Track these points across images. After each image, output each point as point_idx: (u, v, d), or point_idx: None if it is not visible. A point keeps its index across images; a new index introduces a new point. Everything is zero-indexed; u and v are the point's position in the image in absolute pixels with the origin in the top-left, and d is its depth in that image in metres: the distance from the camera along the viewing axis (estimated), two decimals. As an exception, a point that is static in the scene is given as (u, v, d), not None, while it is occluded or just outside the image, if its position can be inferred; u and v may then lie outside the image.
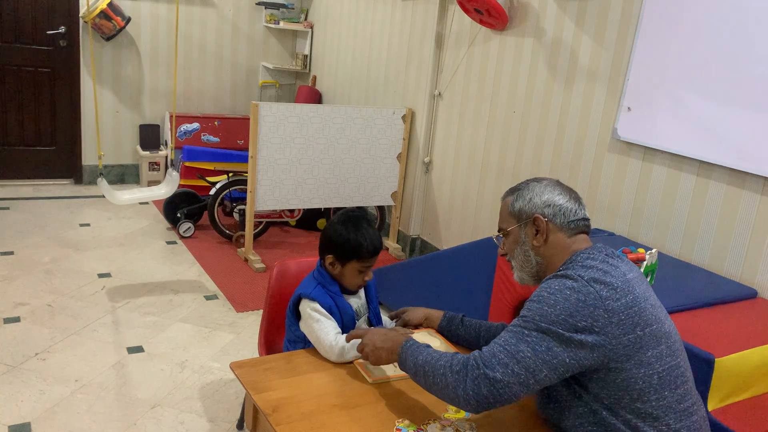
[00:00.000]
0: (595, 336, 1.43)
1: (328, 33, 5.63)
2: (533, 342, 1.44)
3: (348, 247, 1.94)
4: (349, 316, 1.96)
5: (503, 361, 1.43)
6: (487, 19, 3.69)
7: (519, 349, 1.44)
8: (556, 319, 1.43)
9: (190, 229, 4.51)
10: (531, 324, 1.46)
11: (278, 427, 1.52)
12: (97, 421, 2.51)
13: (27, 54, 5.11)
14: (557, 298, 1.46)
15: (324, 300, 1.93)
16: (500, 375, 1.42)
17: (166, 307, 3.49)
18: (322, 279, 1.97)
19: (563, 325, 1.43)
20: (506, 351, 1.45)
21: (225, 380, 2.87)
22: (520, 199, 1.67)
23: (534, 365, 1.43)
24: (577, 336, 1.42)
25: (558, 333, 1.43)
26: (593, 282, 1.47)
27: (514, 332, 1.47)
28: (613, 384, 1.46)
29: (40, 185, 5.32)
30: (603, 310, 1.44)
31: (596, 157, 3.22)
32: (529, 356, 1.43)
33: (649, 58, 2.91)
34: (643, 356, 1.46)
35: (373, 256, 1.95)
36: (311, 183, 4.15)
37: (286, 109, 3.96)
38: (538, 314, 1.46)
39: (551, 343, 1.43)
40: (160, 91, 5.60)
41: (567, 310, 1.44)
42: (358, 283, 1.97)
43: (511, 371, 1.42)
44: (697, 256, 2.77)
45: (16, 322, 3.18)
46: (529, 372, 1.43)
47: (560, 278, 1.51)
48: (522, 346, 1.44)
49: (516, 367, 1.43)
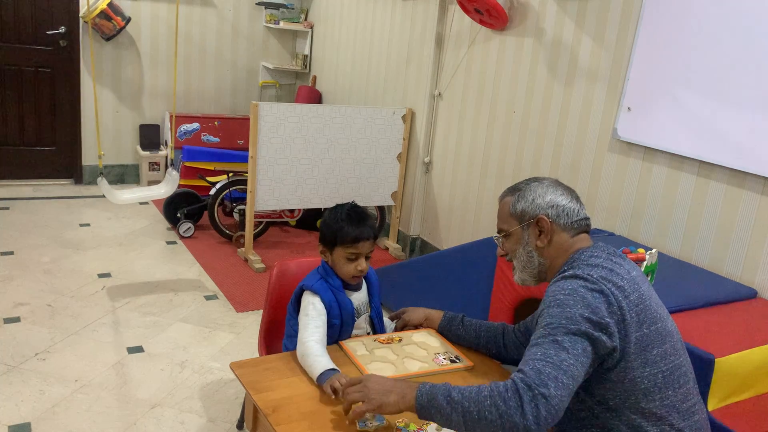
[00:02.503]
0: (614, 333, 1.43)
1: (328, 33, 5.63)
2: (570, 347, 1.40)
3: (329, 233, 1.98)
4: (348, 312, 1.97)
5: (552, 375, 1.36)
6: (487, 19, 3.69)
7: (561, 359, 1.38)
8: (581, 318, 1.42)
9: (190, 229, 4.51)
10: (560, 330, 1.42)
11: (278, 427, 1.52)
12: (97, 421, 2.51)
13: (27, 54, 5.10)
14: (575, 298, 1.45)
15: (325, 294, 1.94)
16: (554, 390, 1.35)
17: (166, 307, 3.49)
18: (324, 273, 2.00)
19: (588, 323, 1.42)
20: (551, 364, 1.38)
21: (225, 380, 2.87)
22: (522, 200, 1.66)
23: (576, 371, 1.39)
24: (602, 335, 1.42)
25: (588, 332, 1.41)
26: (603, 280, 1.47)
27: (548, 343, 1.42)
28: (620, 385, 1.46)
29: (40, 185, 5.32)
30: (617, 307, 1.45)
31: (596, 157, 3.22)
32: (572, 363, 1.38)
33: (649, 58, 2.91)
34: (649, 354, 1.46)
35: (356, 243, 1.94)
36: (311, 183, 4.15)
37: (286, 109, 3.96)
38: (563, 318, 1.43)
39: (585, 344, 1.41)
40: (160, 91, 5.60)
41: (588, 308, 1.43)
42: (351, 272, 1.97)
43: (562, 383, 1.36)
44: (697, 256, 2.77)
45: (16, 322, 3.18)
46: (574, 379, 1.38)
47: (570, 279, 1.50)
48: (563, 354, 1.39)
49: (565, 378, 1.37)
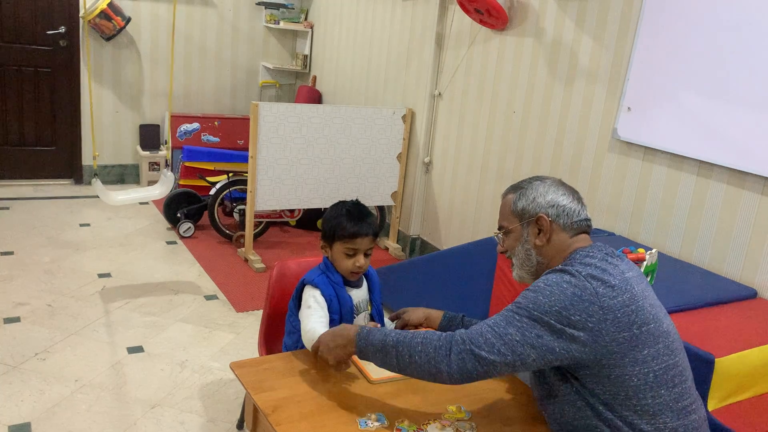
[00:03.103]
0: (587, 332, 1.44)
1: (328, 33, 5.63)
2: (523, 327, 1.46)
3: (328, 227, 2.01)
4: (347, 308, 1.99)
5: (490, 341, 1.47)
6: (487, 19, 3.69)
7: (507, 332, 1.47)
8: (549, 310, 1.46)
9: (190, 229, 4.52)
10: (523, 311, 1.48)
11: (278, 427, 1.53)
12: (97, 421, 2.51)
13: (27, 54, 5.10)
14: (554, 290, 1.48)
15: (326, 289, 1.96)
16: (485, 353, 1.46)
17: (166, 307, 3.49)
18: (325, 268, 2.02)
19: (556, 317, 1.45)
20: (494, 332, 1.48)
21: (225, 380, 2.87)
22: (523, 198, 1.67)
23: (522, 349, 1.46)
24: (568, 329, 1.44)
25: (550, 323, 1.45)
26: (590, 278, 1.48)
27: (504, 316, 1.51)
28: (607, 380, 1.47)
29: (40, 185, 5.32)
30: (598, 307, 1.45)
31: (596, 157, 3.22)
32: (517, 340, 1.46)
33: (649, 58, 2.91)
34: (639, 354, 1.47)
35: (354, 238, 1.97)
36: (311, 183, 4.15)
37: (286, 109, 3.96)
38: (532, 303, 1.48)
39: (541, 331, 1.46)
40: (160, 91, 5.60)
41: (561, 303, 1.46)
42: (349, 267, 1.99)
43: (497, 351, 1.46)
44: (697, 256, 2.77)
45: (16, 322, 3.18)
46: (516, 354, 1.46)
47: (558, 272, 1.53)
48: (511, 329, 1.47)
49: (503, 348, 1.46)
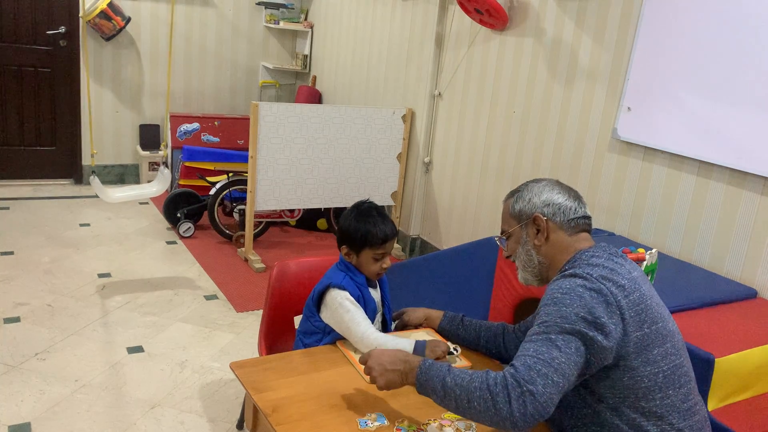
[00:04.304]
0: (611, 333, 1.43)
1: (328, 33, 5.63)
2: (562, 345, 1.40)
3: (357, 236, 2.00)
4: (371, 309, 2.00)
5: (542, 372, 1.37)
6: (487, 19, 3.69)
7: (553, 357, 1.39)
8: (576, 317, 1.42)
9: (190, 229, 4.51)
10: (554, 327, 1.43)
11: (278, 427, 1.52)
12: (97, 421, 2.51)
13: (27, 54, 5.10)
14: (572, 296, 1.45)
15: (353, 290, 1.97)
16: (542, 387, 1.36)
17: (166, 307, 3.49)
18: (346, 269, 2.02)
19: (583, 323, 1.41)
20: (542, 361, 1.39)
21: (225, 380, 2.87)
22: (519, 200, 1.69)
23: (568, 369, 1.39)
24: (599, 335, 1.41)
25: (582, 332, 1.41)
26: (603, 279, 1.47)
27: (541, 340, 1.42)
28: (620, 383, 1.46)
29: (40, 185, 5.32)
30: (616, 307, 1.45)
31: (596, 157, 3.22)
32: (563, 362, 1.39)
33: (649, 58, 2.91)
34: (650, 354, 1.46)
35: (384, 243, 2.00)
36: (311, 183, 4.15)
37: (286, 109, 3.96)
38: (558, 316, 1.43)
39: (578, 343, 1.41)
40: (160, 91, 5.60)
41: (584, 307, 1.43)
42: (376, 270, 2.02)
43: (551, 381, 1.37)
44: (697, 256, 2.77)
45: (16, 322, 3.18)
46: (564, 377, 1.39)
47: (569, 278, 1.50)
48: (554, 352, 1.40)
49: (555, 376, 1.37)
